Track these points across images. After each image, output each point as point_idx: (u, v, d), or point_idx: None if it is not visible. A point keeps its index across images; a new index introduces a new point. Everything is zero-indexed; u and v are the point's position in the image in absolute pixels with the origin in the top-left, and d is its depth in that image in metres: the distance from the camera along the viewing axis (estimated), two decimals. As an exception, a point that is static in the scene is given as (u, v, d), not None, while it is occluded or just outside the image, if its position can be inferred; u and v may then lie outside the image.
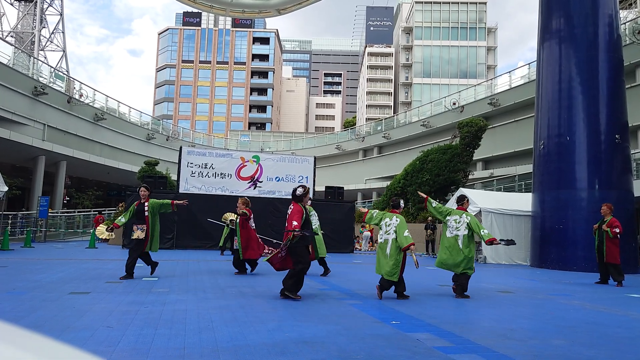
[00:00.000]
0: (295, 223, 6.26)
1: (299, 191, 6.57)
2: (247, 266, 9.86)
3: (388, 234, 6.79)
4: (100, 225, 9.76)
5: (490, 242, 7.18)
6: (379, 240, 6.91)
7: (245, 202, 9.50)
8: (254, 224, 9.63)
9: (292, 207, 6.49)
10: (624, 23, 25.03)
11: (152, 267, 8.51)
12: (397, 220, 6.78)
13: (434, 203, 7.67)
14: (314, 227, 9.92)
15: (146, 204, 8.32)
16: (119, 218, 8.61)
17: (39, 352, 0.54)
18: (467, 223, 7.18)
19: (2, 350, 0.51)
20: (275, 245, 16.27)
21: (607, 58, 14.44)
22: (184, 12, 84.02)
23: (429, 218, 21.04)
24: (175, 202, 8.58)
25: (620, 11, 20.63)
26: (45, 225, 22.36)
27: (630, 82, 21.95)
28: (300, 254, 6.39)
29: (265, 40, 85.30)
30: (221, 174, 18.11)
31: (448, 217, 7.43)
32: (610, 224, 10.05)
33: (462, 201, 7.78)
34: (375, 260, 6.95)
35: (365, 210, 7.43)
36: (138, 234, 8.13)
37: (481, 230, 7.15)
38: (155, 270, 8.54)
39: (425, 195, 7.78)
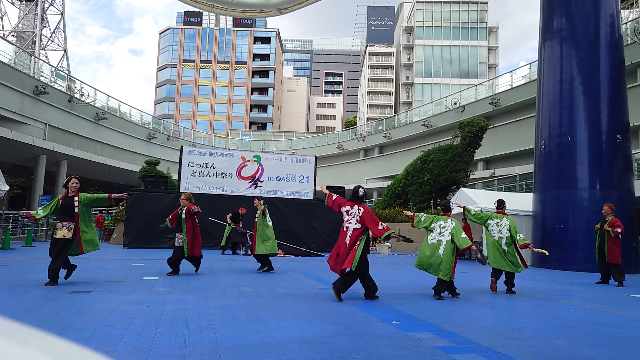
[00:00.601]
0: (385, 224, 6.32)
1: (362, 192, 6.62)
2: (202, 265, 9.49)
3: (442, 235, 7.04)
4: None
5: (525, 246, 7.65)
6: (431, 242, 7.11)
7: (189, 198, 9.24)
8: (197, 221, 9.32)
9: (360, 209, 6.42)
10: (625, 23, 25.00)
11: (68, 271, 7.39)
12: (452, 223, 7.08)
13: (473, 211, 7.93)
14: (269, 225, 10.00)
15: (76, 198, 7.19)
16: (37, 210, 7.63)
17: (45, 350, 0.54)
18: (509, 226, 7.68)
19: (12, 349, 0.51)
20: (292, 250, 16.09)
21: (609, 58, 14.42)
22: (184, 11, 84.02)
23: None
24: (113, 195, 7.48)
25: (622, 11, 20.62)
26: (46, 224, 22.38)
27: (631, 82, 21.94)
28: (365, 258, 6.46)
29: (266, 40, 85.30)
30: (222, 173, 18.11)
31: (489, 222, 7.74)
32: (611, 223, 10.05)
33: (502, 205, 8.14)
34: (422, 260, 7.17)
35: (411, 213, 7.47)
36: (63, 232, 7.04)
37: (517, 235, 7.66)
38: (69, 277, 7.38)
39: (462, 206, 8.03)
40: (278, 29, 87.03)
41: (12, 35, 61.47)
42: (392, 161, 40.35)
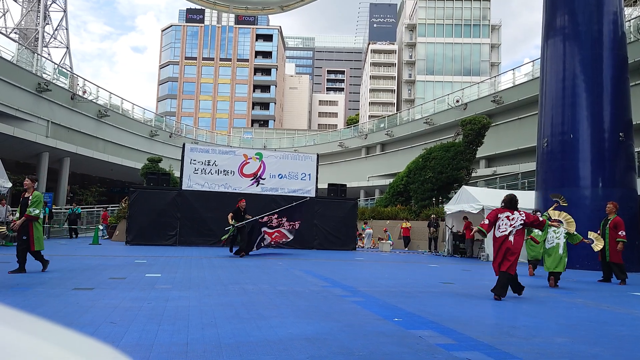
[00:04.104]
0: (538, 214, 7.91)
1: (516, 198, 7.27)
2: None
3: (558, 239, 9.08)
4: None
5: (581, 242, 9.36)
6: (550, 245, 9.08)
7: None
8: None
9: (522, 213, 7.06)
10: (629, 20, 24.90)
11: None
12: (564, 229, 9.13)
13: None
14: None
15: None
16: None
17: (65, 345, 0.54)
18: (565, 233, 9.12)
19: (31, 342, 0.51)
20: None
21: (612, 55, 14.37)
22: (187, 8, 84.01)
23: (432, 216, 21.01)
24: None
25: (625, 8, 20.53)
26: (48, 221, 22.43)
27: (634, 79, 21.84)
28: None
29: (268, 37, 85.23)
30: (224, 171, 18.13)
31: (549, 229, 9.12)
32: (614, 223, 10.02)
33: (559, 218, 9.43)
34: (544, 260, 9.18)
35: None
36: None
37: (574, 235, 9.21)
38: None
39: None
40: (280, 27, 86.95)
41: (15, 33, 61.52)
42: (394, 159, 40.31)
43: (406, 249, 21.97)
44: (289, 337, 3.97)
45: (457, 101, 36.14)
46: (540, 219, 7.97)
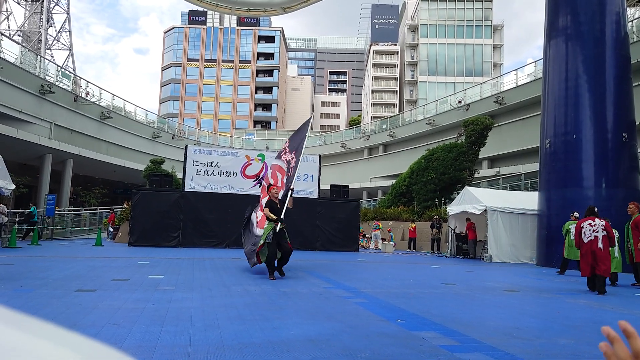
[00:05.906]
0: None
1: (594, 207, 8.42)
2: None
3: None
4: None
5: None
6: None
7: None
8: None
9: (602, 220, 8.13)
10: (631, 20, 24.84)
11: None
12: (616, 234, 9.18)
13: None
14: None
15: None
16: None
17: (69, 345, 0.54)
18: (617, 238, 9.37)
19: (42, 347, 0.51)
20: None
21: (614, 55, 14.33)
22: (189, 10, 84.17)
23: (435, 217, 20.97)
24: None
25: (628, 8, 20.47)
26: (52, 223, 22.50)
27: (637, 80, 21.77)
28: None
29: (270, 39, 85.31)
30: (226, 172, 18.14)
31: None
32: (635, 222, 9.99)
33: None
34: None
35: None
36: None
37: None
38: None
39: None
40: (282, 28, 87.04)
41: (18, 35, 61.77)
42: (397, 160, 40.29)
43: (414, 250, 21.99)
44: (292, 338, 3.96)
45: (460, 102, 36.10)
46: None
